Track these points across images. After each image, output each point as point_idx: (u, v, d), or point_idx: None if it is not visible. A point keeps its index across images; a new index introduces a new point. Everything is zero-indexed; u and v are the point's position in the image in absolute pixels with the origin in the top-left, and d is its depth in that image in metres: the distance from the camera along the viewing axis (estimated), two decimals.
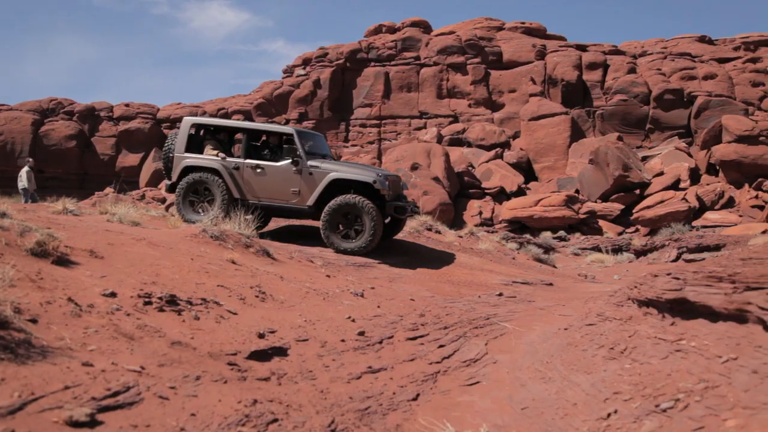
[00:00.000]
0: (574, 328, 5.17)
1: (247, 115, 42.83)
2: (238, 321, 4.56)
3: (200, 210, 10.31)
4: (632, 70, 37.85)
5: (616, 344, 4.03)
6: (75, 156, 44.28)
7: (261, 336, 4.36)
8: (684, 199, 27.32)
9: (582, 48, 40.25)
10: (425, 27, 44.40)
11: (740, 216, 26.55)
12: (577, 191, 30.77)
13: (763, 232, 18.69)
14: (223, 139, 11.12)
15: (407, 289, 7.87)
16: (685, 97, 35.57)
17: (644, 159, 32.54)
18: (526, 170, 34.93)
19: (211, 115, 43.74)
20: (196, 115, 44.77)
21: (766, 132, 30.41)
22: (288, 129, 10.71)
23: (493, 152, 35.59)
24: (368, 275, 8.50)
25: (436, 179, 29.72)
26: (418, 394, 4.06)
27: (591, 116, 37.11)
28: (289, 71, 44.79)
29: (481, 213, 30.19)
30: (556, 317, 6.83)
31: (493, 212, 30.34)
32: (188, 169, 10.45)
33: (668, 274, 4.20)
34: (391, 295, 7.11)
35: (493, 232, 23.29)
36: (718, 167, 30.41)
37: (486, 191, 32.09)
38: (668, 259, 16.64)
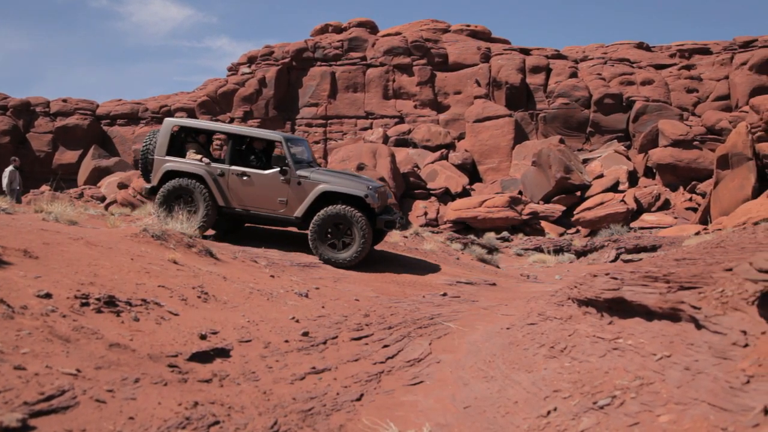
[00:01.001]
0: (516, 328, 5.24)
1: (191, 113, 42.16)
2: (180, 322, 4.48)
3: (181, 218, 9.97)
4: (574, 75, 38.69)
5: (557, 343, 4.11)
6: (9, 152, 42.71)
7: (203, 337, 4.29)
8: (623, 201, 28.05)
9: (526, 52, 40.95)
10: (372, 27, 44.47)
11: (675, 218, 27.42)
12: (520, 192, 31.27)
13: (697, 234, 19.33)
14: (203, 141, 10.76)
15: (352, 290, 7.86)
16: (624, 102, 36.55)
17: (585, 161, 33.30)
18: (471, 171, 35.34)
19: (153, 112, 42.90)
20: (137, 112, 43.88)
21: (699, 137, 31.51)
22: (277, 136, 10.30)
23: (438, 153, 35.88)
24: (313, 275, 8.46)
25: (382, 180, 29.80)
26: (362, 395, 4.05)
27: (534, 119, 37.78)
28: (234, 69, 44.25)
29: (426, 214, 30.39)
30: (499, 317, 6.92)
31: (438, 213, 30.57)
32: (170, 174, 9.99)
33: (607, 275, 4.31)
34: (335, 296, 7.09)
35: (438, 232, 23.47)
36: (654, 170, 31.33)
37: (431, 192, 32.33)
38: (607, 259, 17.06)
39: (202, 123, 10.83)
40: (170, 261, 6.34)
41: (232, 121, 40.88)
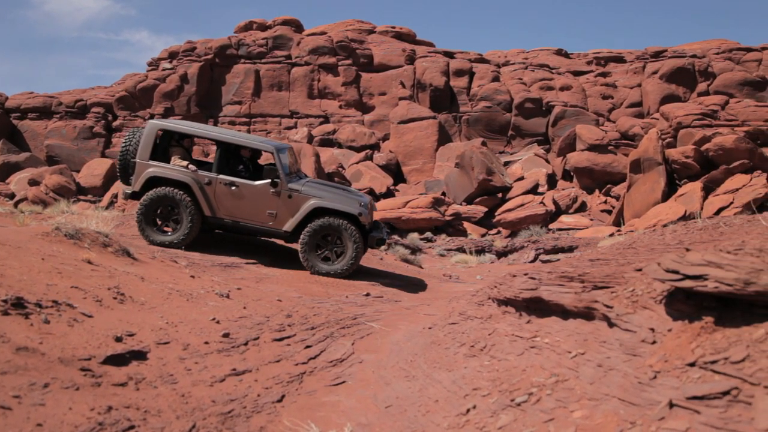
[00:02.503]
0: (437, 327, 5.31)
1: (108, 109, 40.79)
2: (94, 324, 4.32)
3: (165, 229, 9.57)
4: (496, 79, 39.49)
5: (477, 342, 4.18)
6: None
7: (118, 339, 4.15)
8: (542, 203, 28.81)
9: (449, 55, 41.52)
10: (297, 26, 44.13)
11: (591, 219, 28.36)
12: (443, 194, 31.68)
13: (611, 235, 20.05)
14: (187, 145, 10.33)
15: (275, 290, 7.79)
16: (543, 106, 37.57)
17: (506, 164, 34.05)
18: (395, 172, 35.57)
19: (68, 107, 41.24)
20: (50, 106, 42.07)
21: (614, 141, 32.72)
22: (268, 146, 9.95)
23: (363, 154, 35.96)
24: (235, 276, 8.33)
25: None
26: (283, 396, 4.02)
27: (457, 121, 38.36)
28: (154, 64, 43.03)
29: None
30: (422, 316, 6.99)
31: None
32: (153, 181, 9.57)
33: (525, 275, 4.41)
34: (257, 296, 7.00)
35: None
36: (572, 173, 32.33)
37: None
38: (527, 260, 17.49)
39: (190, 127, 10.29)
40: (84, 261, 6.11)
41: (152, 117, 39.75)
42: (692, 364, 2.36)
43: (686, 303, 2.72)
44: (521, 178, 31.80)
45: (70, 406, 2.92)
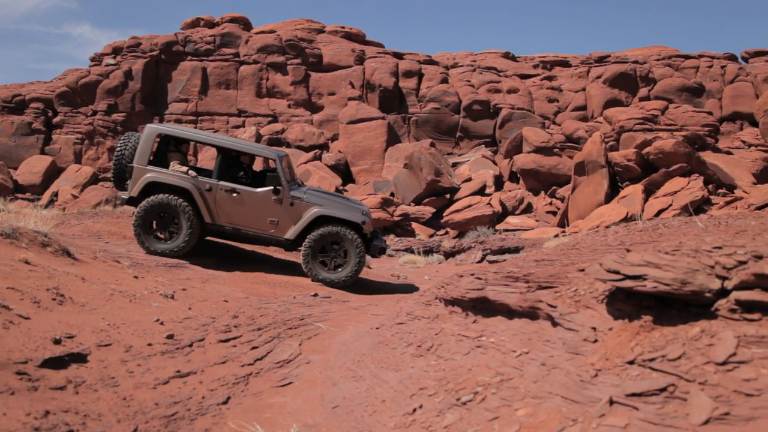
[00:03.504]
0: (385, 327, 5.32)
1: (48, 104, 39.62)
2: (31, 326, 4.19)
3: (164, 237, 9.34)
4: (445, 80, 39.82)
5: (424, 342, 4.20)
6: None
7: (57, 342, 4.03)
8: (489, 204, 29.18)
9: (399, 56, 41.68)
10: (245, 24, 43.64)
11: (537, 221, 28.84)
12: (392, 194, 31.78)
13: (555, 236, 20.43)
14: (185, 151, 10.13)
15: (221, 291, 7.68)
16: (491, 109, 38.06)
17: (454, 165, 34.36)
18: (344, 172, 35.53)
19: (5, 101, 39.88)
20: None
21: (559, 144, 33.36)
22: (270, 153, 9.88)
23: (312, 153, 35.80)
24: (180, 276, 8.19)
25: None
26: (228, 397, 3.97)
27: (406, 122, 38.53)
28: (97, 59, 41.95)
29: None
30: (369, 316, 7.00)
31: None
32: (152, 186, 9.34)
33: (472, 275, 4.46)
34: (203, 297, 6.90)
35: None
36: (519, 175, 32.83)
37: None
38: (474, 260, 17.67)
39: (190, 132, 10.20)
40: (22, 261, 5.92)
41: (95, 114, 38.79)
42: (632, 362, 2.42)
43: (626, 302, 2.79)
44: (469, 180, 32.14)
45: (4, 411, 2.82)
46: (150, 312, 5.58)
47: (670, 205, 21.42)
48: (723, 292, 2.38)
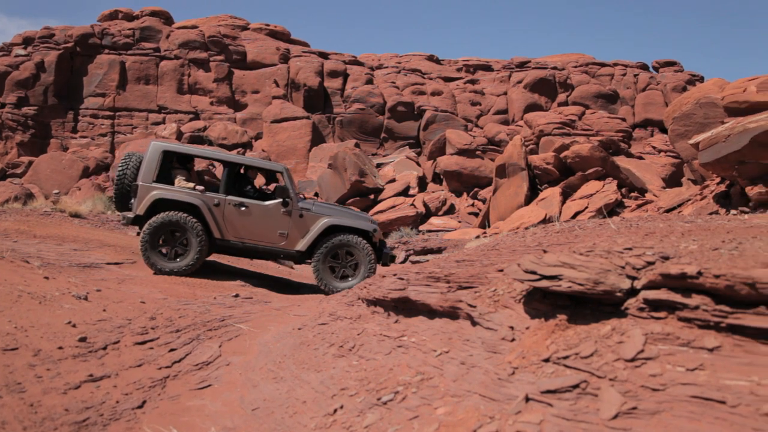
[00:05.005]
0: (307, 328, 5.29)
1: None
2: None
3: (173, 254, 9.07)
4: (370, 81, 39.98)
5: (346, 342, 4.20)
6: None
7: None
8: (413, 205, 29.45)
9: (324, 56, 41.58)
10: (166, 18, 42.56)
11: (459, 222, 29.31)
12: (316, 194, 31.67)
13: (477, 237, 20.80)
14: (191, 168, 9.89)
15: (138, 291, 7.46)
16: (415, 110, 38.46)
17: (379, 166, 34.53)
18: None
19: None
20: None
21: (481, 147, 34.02)
22: (278, 166, 9.76)
23: (234, 152, 35.25)
24: (95, 277, 7.90)
25: None
26: (144, 401, 3.85)
27: (331, 122, 38.47)
28: (6, 49, 40.01)
29: None
30: (292, 317, 6.94)
31: None
32: (159, 203, 9.07)
33: (394, 275, 4.49)
34: (119, 298, 6.68)
35: None
36: (442, 176, 33.29)
37: None
38: (397, 260, 17.80)
39: (195, 149, 10.03)
40: None
41: (3, 106, 36.98)
42: (547, 360, 2.49)
43: (543, 302, 2.86)
44: (393, 180, 32.37)
45: None
46: (61, 314, 5.36)
47: (586, 207, 22.15)
48: (633, 292, 2.47)
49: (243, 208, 9.37)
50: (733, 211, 13.33)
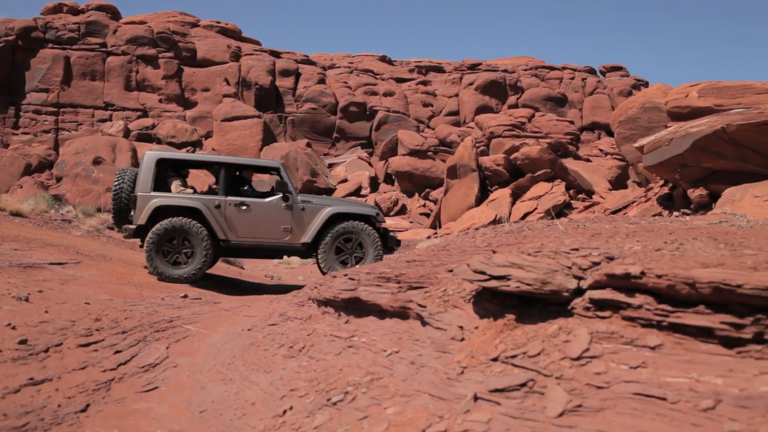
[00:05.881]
0: (257, 329, 5.24)
1: None
2: None
3: (179, 260, 8.92)
4: (322, 81, 39.85)
5: (296, 343, 4.17)
6: None
7: None
8: None
9: (276, 54, 41.27)
10: (113, 13, 41.59)
11: (411, 222, 29.46)
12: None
13: (428, 237, 20.93)
14: (186, 174, 9.77)
15: (83, 292, 7.28)
16: (367, 111, 38.49)
17: (330, 166, 34.45)
18: None
19: None
20: None
21: (433, 147, 34.25)
22: (273, 163, 9.80)
23: (184, 151, 34.71)
24: (36, 277, 7.67)
25: None
26: (88, 405, 3.76)
27: (283, 121, 38.21)
28: None
29: None
30: (242, 318, 6.87)
31: None
32: (160, 211, 8.92)
33: (345, 275, 4.48)
34: (62, 299, 6.50)
35: None
36: (394, 177, 33.41)
37: None
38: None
39: (188, 156, 9.97)
40: None
41: None
42: (495, 359, 2.51)
43: (492, 302, 2.89)
44: (345, 180, 32.34)
45: None
46: (0, 316, 5.19)
47: (535, 208, 22.51)
48: (579, 292, 2.52)
49: (244, 207, 9.38)
50: (675, 213, 13.72)
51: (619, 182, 29.89)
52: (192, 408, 3.77)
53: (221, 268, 12.78)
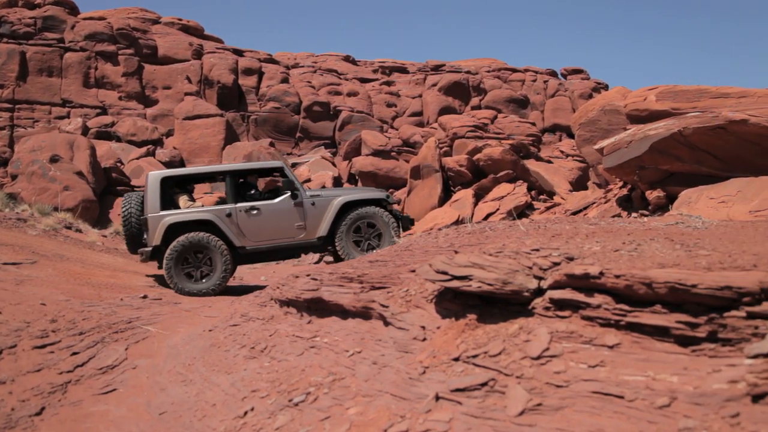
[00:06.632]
0: (218, 329, 5.19)
1: None
2: None
3: (199, 275, 8.86)
4: (285, 80, 39.61)
5: (258, 343, 4.15)
6: None
7: None
8: None
9: (239, 53, 40.89)
10: (71, 8, 40.67)
11: None
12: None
13: None
14: (191, 188, 9.81)
15: (38, 293, 7.12)
16: (331, 111, 38.39)
17: (294, 165, 34.25)
18: None
19: None
20: None
21: (396, 148, 34.33)
22: (276, 163, 9.76)
23: (144, 149, 34.15)
24: None
25: (80, 174, 27.47)
26: (43, 408, 3.68)
27: (245, 120, 37.88)
28: None
29: None
30: (202, 318, 6.79)
31: None
32: (173, 229, 8.84)
33: (307, 276, 4.46)
34: (17, 300, 6.35)
35: None
36: (357, 177, 33.37)
37: (136, 189, 30.65)
38: (312, 261, 17.72)
39: (191, 170, 10.11)
40: None
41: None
42: (457, 359, 2.53)
43: (454, 302, 2.91)
44: (308, 180, 32.18)
45: None
46: None
47: (498, 209, 22.70)
48: (539, 292, 2.55)
49: (255, 212, 9.36)
50: (634, 214, 13.97)
51: (579, 183, 30.29)
52: (151, 410, 3.72)
53: None
